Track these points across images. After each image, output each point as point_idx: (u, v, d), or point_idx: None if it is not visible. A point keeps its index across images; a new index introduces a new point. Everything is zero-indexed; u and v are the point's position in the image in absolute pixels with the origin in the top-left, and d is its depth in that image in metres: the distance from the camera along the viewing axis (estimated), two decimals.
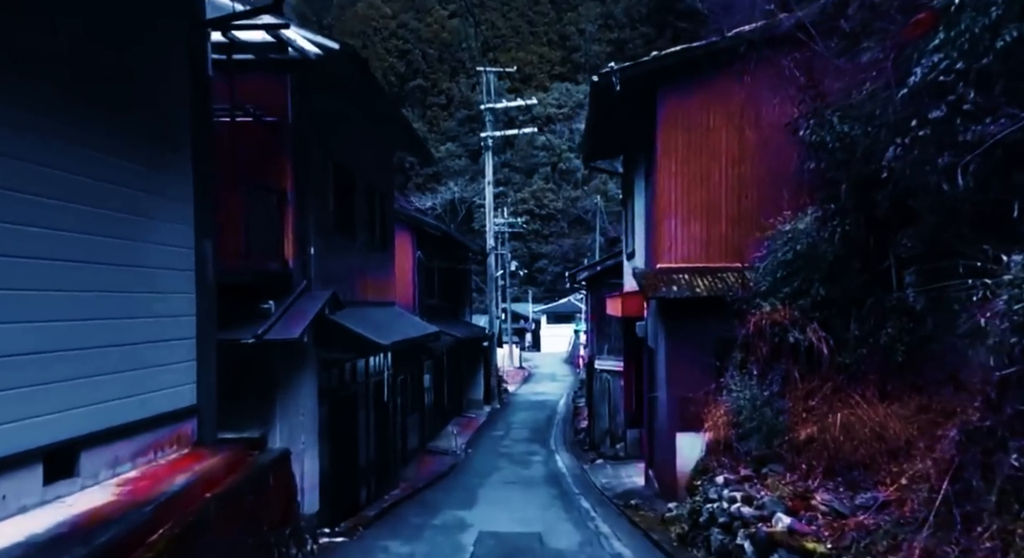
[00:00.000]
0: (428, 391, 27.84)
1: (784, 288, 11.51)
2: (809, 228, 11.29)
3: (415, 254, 26.41)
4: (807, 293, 11.26)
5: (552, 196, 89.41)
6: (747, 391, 10.61)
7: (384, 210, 20.34)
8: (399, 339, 16.02)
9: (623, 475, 20.11)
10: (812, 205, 11.92)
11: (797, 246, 11.32)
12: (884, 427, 9.32)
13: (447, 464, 23.58)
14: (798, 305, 11.29)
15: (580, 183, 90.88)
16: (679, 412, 14.59)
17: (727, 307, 13.54)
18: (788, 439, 10.18)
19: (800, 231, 11.39)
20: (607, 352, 25.94)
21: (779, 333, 11.25)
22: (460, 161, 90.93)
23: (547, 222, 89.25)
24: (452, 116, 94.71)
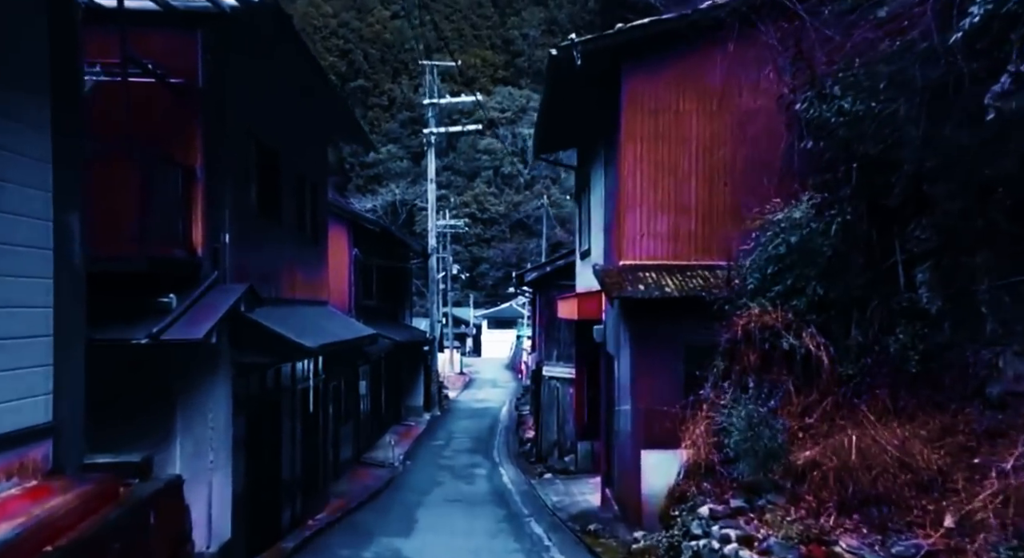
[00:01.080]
0: (364, 398, 25.77)
1: (775, 286, 9.85)
2: (805, 217, 9.64)
3: (352, 251, 24.36)
4: (802, 292, 9.61)
5: (494, 200, 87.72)
6: (739, 407, 8.87)
7: (317, 200, 18.30)
8: (329, 342, 14.03)
9: (576, 492, 18.35)
10: (804, 193, 10.27)
11: (791, 238, 9.66)
12: (907, 453, 7.67)
13: (383, 478, 21.56)
14: (792, 306, 9.63)
15: (523, 187, 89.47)
16: (645, 427, 12.87)
17: (700, 310, 11.94)
18: (785, 464, 8.48)
19: (794, 221, 9.74)
20: (556, 358, 24.21)
21: (770, 338, 9.57)
22: (402, 163, 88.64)
23: (489, 226, 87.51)
24: (394, 118, 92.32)
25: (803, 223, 9.60)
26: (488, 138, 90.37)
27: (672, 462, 12.38)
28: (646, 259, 13.75)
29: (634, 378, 12.96)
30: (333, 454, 21.09)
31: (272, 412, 15.05)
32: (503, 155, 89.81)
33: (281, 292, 15.04)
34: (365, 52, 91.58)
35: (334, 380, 20.79)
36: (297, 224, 16.64)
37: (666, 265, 13.58)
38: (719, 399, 10.06)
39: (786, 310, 9.60)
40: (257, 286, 12.70)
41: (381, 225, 25.56)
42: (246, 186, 13.22)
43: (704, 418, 10.08)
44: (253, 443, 13.69)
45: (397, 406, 32.57)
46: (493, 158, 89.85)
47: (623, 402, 13.70)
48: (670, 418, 12.38)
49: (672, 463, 12.39)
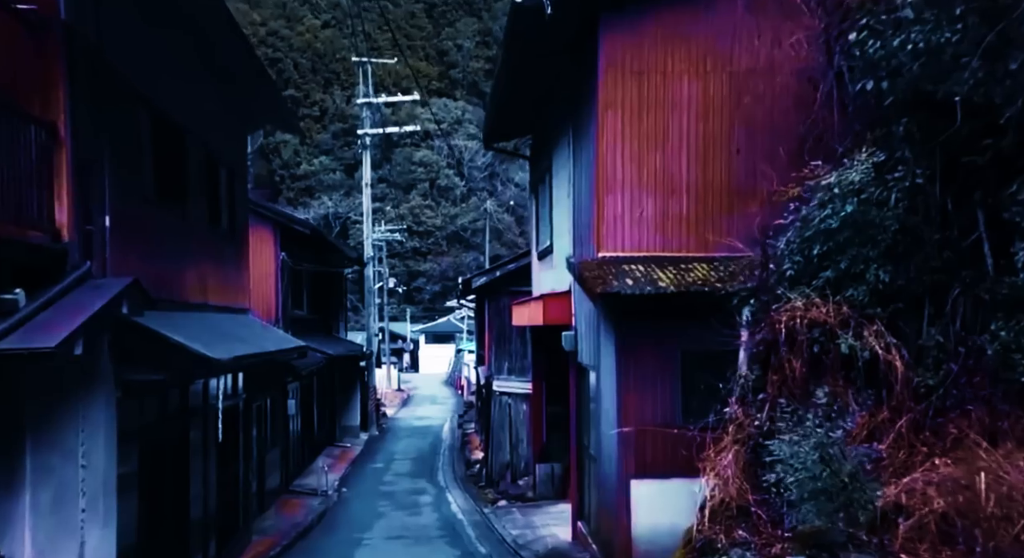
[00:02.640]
0: (294, 419, 22.81)
1: (824, 272, 7.49)
2: (865, 180, 7.27)
3: (279, 255, 21.49)
4: (860, 278, 7.27)
5: (431, 213, 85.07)
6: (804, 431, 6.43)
7: (234, 191, 15.48)
8: (245, 354, 11.25)
9: (538, 524, 15.78)
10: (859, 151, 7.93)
11: (846, 207, 7.28)
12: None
13: (316, 511, 18.69)
14: (847, 297, 7.28)
15: (459, 200, 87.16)
16: (635, 452, 10.41)
17: (700, 310, 9.66)
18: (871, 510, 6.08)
19: (850, 186, 7.37)
20: (508, 371, 21.65)
21: (821, 339, 7.21)
22: (334, 175, 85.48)
23: (425, 239, 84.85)
24: (326, 129, 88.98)
25: (862, 187, 7.24)
26: (424, 150, 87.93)
27: (671, 495, 9.96)
28: (630, 250, 11.33)
29: (620, 393, 10.49)
30: (257, 485, 18.18)
31: (177, 440, 12.22)
32: (439, 167, 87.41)
33: (187, 295, 12.23)
34: (295, 61, 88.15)
35: (258, 400, 17.91)
36: (209, 216, 13.83)
37: (654, 257, 11.19)
38: (749, 419, 7.66)
39: (840, 302, 7.25)
40: (151, 286, 9.92)
41: (312, 227, 22.76)
42: (136, 162, 10.44)
43: (732, 443, 7.65)
44: (150, 480, 10.87)
45: (331, 426, 29.59)
46: (429, 170, 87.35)
47: (604, 422, 11.22)
48: (666, 441, 9.99)
49: (671, 496, 9.96)
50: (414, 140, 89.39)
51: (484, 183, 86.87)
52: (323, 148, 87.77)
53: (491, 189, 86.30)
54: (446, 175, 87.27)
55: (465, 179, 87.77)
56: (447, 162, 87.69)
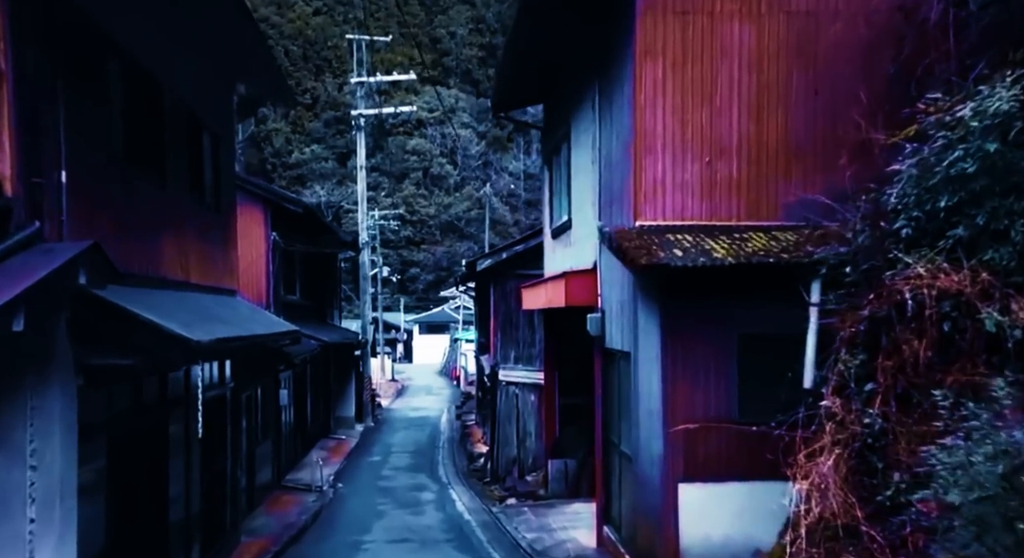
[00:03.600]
0: (286, 409, 21.23)
1: (953, 230, 5.96)
2: (1013, 111, 5.72)
3: (269, 236, 19.88)
4: (1004, 238, 5.73)
5: (424, 202, 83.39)
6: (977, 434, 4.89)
7: (220, 158, 13.87)
8: (231, 336, 9.67)
9: (554, 526, 14.27)
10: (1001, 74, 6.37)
11: (986, 146, 5.73)
12: None
13: (310, 509, 17.15)
14: (984, 262, 5.76)
15: (453, 189, 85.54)
16: (684, 451, 8.89)
17: (761, 286, 8.17)
18: None
19: (992, 118, 5.79)
20: (515, 360, 20.13)
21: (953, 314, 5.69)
22: (327, 164, 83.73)
23: (419, 228, 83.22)
24: (318, 117, 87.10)
25: (1005, 121, 5.70)
26: (417, 138, 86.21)
27: (726, 501, 8.47)
28: (671, 219, 9.81)
29: (666, 384, 8.96)
30: (247, 480, 16.64)
31: (155, 434, 10.68)
32: (432, 156, 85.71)
33: (165, 271, 10.65)
34: (286, 49, 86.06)
35: (247, 389, 16.36)
36: (190, 185, 12.24)
37: (701, 226, 9.67)
38: (853, 415, 6.14)
39: (976, 267, 5.73)
40: (121, 257, 8.39)
41: (305, 205, 21.13)
42: (102, 112, 8.86)
43: (831, 446, 6.13)
44: (122, 479, 9.34)
45: (326, 417, 28.02)
46: (422, 159, 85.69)
47: (644, 416, 9.69)
48: (720, 439, 8.48)
49: (726, 503, 8.47)
50: (407, 128, 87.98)
51: (478, 172, 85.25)
52: (315, 136, 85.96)
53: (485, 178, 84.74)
54: (439, 164, 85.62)
55: (459, 168, 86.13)
56: (440, 151, 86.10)
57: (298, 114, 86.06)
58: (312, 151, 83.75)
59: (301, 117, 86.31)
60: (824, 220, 9.49)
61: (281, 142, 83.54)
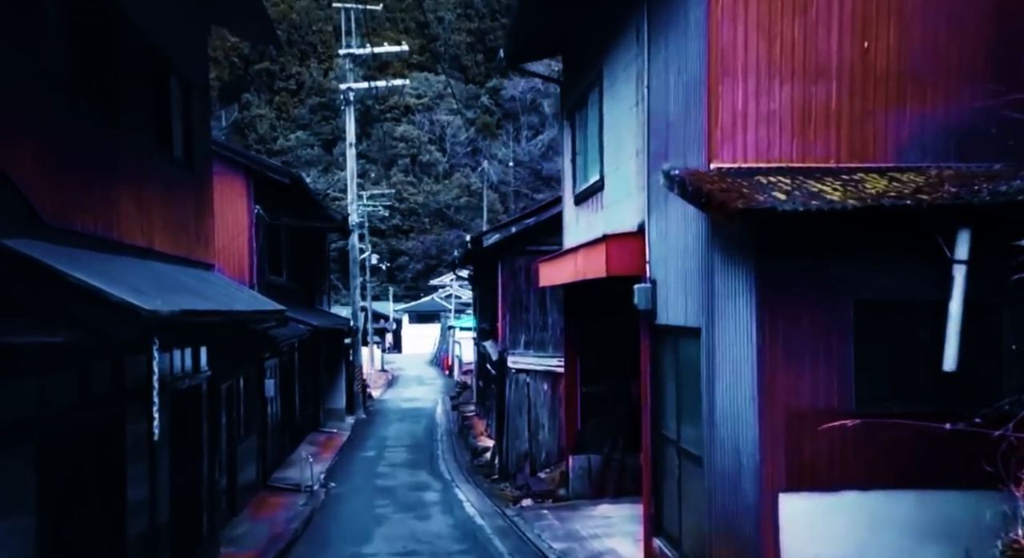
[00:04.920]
0: (272, 401, 19.07)
1: None
2: None
3: (253, 208, 17.69)
4: None
5: (413, 189, 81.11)
6: None
7: (191, 112, 11.71)
8: (201, 309, 7.53)
9: (583, 534, 12.22)
10: None
11: None
12: None
13: (300, 513, 15.05)
14: None
15: (442, 176, 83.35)
16: (787, 452, 6.83)
17: (877, 242, 6.17)
18: None
19: None
20: (525, 345, 18.07)
21: None
22: (312, 150, 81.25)
23: (407, 217, 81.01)
24: (303, 103, 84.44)
25: None
26: (405, 125, 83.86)
27: (844, 517, 6.41)
28: (755, 161, 7.74)
29: (763, 365, 6.88)
30: (228, 481, 14.54)
31: (108, 433, 8.56)
32: (420, 143, 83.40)
33: (120, 232, 8.52)
34: None
35: (228, 379, 14.22)
36: (155, 135, 10.09)
37: (794, 169, 7.62)
38: None
39: None
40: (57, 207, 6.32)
41: (292, 176, 18.92)
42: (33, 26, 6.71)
43: None
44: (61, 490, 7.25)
45: (315, 410, 25.86)
46: (410, 146, 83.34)
47: (725, 408, 7.62)
48: (833, 437, 6.44)
49: (844, 518, 6.41)
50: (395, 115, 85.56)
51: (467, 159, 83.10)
52: (300, 123, 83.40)
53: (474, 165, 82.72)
54: (428, 151, 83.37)
55: (447, 155, 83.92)
56: (429, 137, 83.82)
57: (282, 100, 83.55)
58: (297, 138, 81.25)
59: (286, 103, 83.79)
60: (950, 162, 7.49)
61: (266, 128, 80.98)
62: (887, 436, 6.56)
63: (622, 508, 13.64)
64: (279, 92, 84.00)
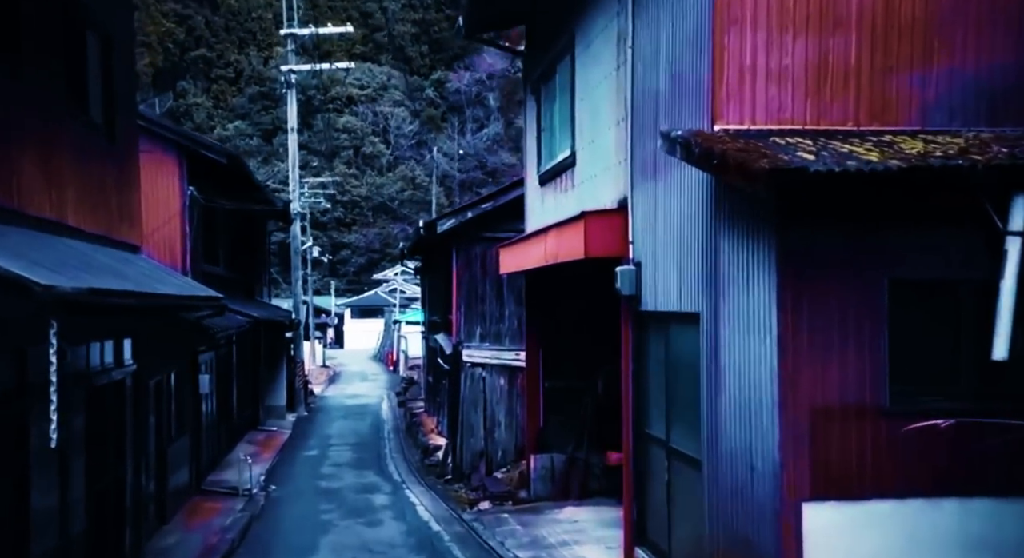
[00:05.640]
0: (208, 398, 17.61)
1: None
2: None
3: (186, 190, 16.22)
4: None
5: (355, 182, 79.26)
6: None
7: (113, 70, 10.33)
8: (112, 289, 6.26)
9: (550, 539, 11.18)
10: None
11: None
12: None
13: (238, 521, 13.71)
14: None
15: (385, 169, 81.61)
16: (812, 455, 5.85)
17: (913, 212, 5.25)
18: None
19: None
20: (481, 338, 16.94)
21: None
22: (251, 141, 78.79)
23: (350, 210, 79.17)
24: (242, 92, 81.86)
25: None
26: (347, 116, 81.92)
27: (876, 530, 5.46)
28: (765, 122, 6.76)
29: (784, 353, 5.90)
30: (156, 487, 13.13)
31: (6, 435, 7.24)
32: (364, 134, 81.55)
33: (20, 201, 7.20)
34: (207, 19, 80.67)
35: (156, 374, 12.81)
36: (68, 92, 8.74)
37: (809, 132, 6.66)
38: None
39: None
40: None
41: (229, 155, 17.44)
42: None
43: None
44: None
45: (254, 407, 24.35)
46: (353, 137, 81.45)
47: (734, 403, 6.63)
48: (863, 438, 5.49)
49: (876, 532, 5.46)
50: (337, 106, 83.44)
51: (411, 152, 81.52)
52: (239, 112, 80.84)
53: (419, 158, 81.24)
54: (371, 142, 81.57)
55: (392, 147, 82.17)
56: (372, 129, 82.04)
57: (220, 88, 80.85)
58: (236, 127, 78.65)
59: (224, 91, 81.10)
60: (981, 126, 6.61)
61: (202, 117, 78.16)
62: (926, 436, 5.63)
63: (589, 511, 12.66)
64: (216, 80, 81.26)
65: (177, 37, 78.44)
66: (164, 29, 76.62)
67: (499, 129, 73.13)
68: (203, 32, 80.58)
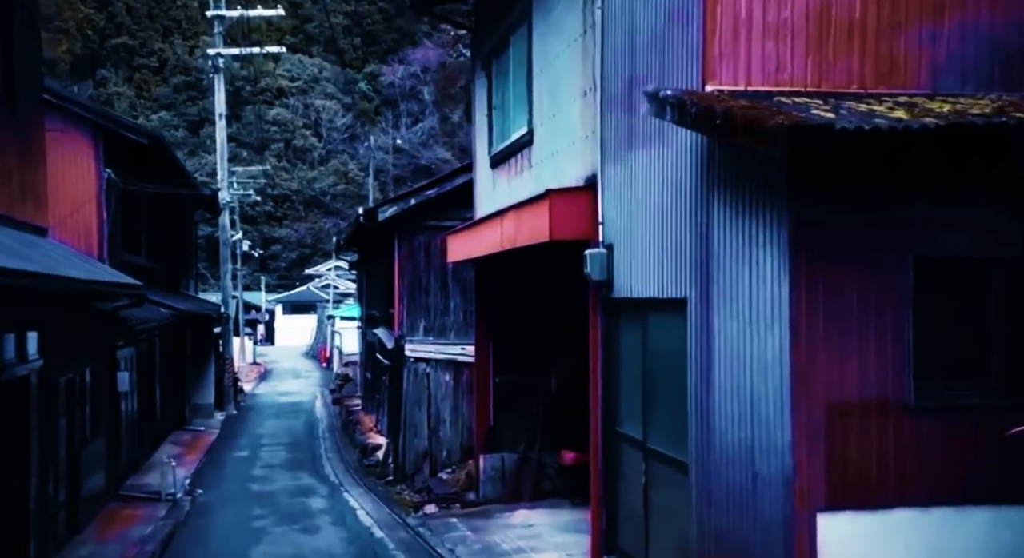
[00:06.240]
0: (127, 397, 16.23)
1: None
2: None
3: (102, 172, 14.84)
4: None
5: (286, 175, 77.06)
6: None
7: (13, 31, 9.08)
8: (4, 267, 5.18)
9: (504, 546, 10.31)
10: None
11: None
12: None
13: (159, 531, 12.50)
14: None
15: (317, 163, 79.58)
16: (828, 459, 5.08)
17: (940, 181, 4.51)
18: None
19: None
20: (424, 331, 15.96)
21: None
22: (177, 132, 75.70)
23: (281, 204, 77.00)
24: (166, 82, 78.80)
25: None
26: (277, 108, 79.59)
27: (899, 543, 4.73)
28: (761, 84, 6.00)
29: (797, 341, 5.12)
30: (67, 494, 11.85)
31: None
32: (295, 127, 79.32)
33: None
34: (128, 5, 77.36)
35: (68, 370, 11.52)
36: None
37: (811, 94, 5.92)
38: None
39: None
40: None
41: (151, 134, 16.10)
42: None
43: None
44: None
45: (180, 405, 22.87)
46: (284, 130, 79.14)
47: (730, 399, 5.85)
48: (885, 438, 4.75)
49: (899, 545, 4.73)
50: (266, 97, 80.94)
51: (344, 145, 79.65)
52: (163, 103, 77.78)
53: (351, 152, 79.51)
54: (303, 135, 79.41)
55: (324, 140, 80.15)
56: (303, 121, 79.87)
57: (143, 77, 77.63)
58: (160, 118, 75.56)
59: (147, 81, 77.92)
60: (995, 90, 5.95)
61: (125, 107, 74.77)
62: (954, 436, 4.94)
63: (543, 514, 11.83)
64: (139, 69, 77.95)
65: (96, 23, 75.04)
66: (83, 15, 73.21)
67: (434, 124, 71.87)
68: (124, 19, 77.30)
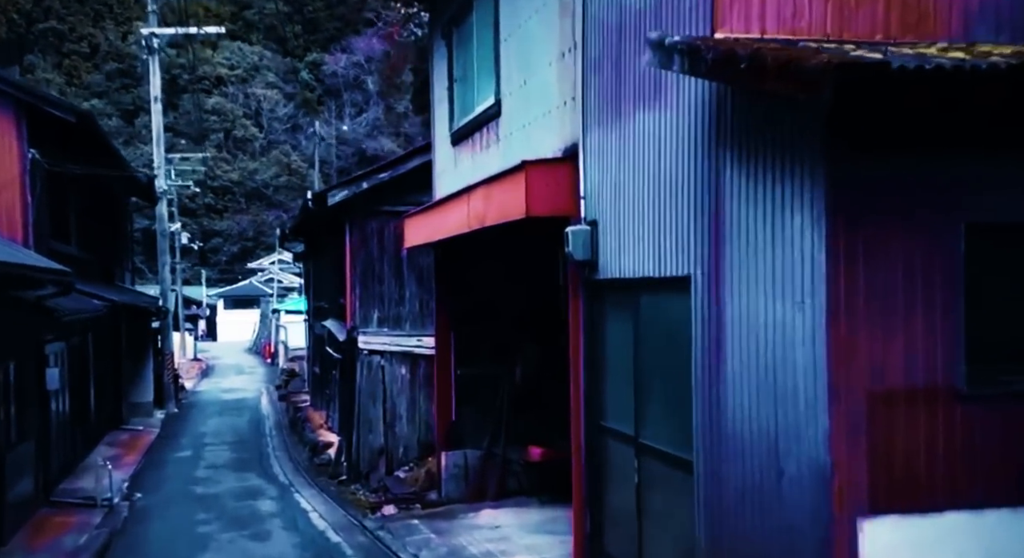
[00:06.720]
0: (57, 395, 15.00)
1: None
2: None
3: (26, 152, 13.62)
4: None
5: (227, 166, 74.79)
6: None
7: None
8: None
9: (472, 550, 9.53)
10: None
11: None
12: None
13: (94, 538, 11.43)
14: None
15: (258, 153, 77.46)
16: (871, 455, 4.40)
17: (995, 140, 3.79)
18: None
19: None
20: (379, 322, 15.06)
21: None
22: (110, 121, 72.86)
23: (221, 196, 74.73)
24: (98, 68, 75.85)
25: None
26: (216, 97, 77.19)
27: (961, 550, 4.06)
28: (775, 32, 5.33)
29: (834, 320, 4.44)
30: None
31: None
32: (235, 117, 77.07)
33: None
34: None
35: None
36: None
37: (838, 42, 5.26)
38: None
39: None
40: None
41: (80, 113, 14.89)
42: None
43: None
44: None
45: (116, 404, 21.54)
46: (223, 119, 76.76)
47: (750, 385, 5.16)
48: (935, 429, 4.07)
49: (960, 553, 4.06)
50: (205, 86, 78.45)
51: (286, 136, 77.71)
52: (95, 90, 74.76)
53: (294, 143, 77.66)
54: (243, 126, 77.20)
55: (265, 131, 78.06)
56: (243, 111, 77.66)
57: (73, 64, 74.56)
58: (93, 106, 72.62)
59: (77, 67, 74.84)
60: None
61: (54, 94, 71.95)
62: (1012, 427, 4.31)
63: (510, 514, 11.09)
64: (69, 55, 74.81)
65: (23, 7, 71.84)
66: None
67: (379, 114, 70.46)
68: (52, 2, 74.19)
